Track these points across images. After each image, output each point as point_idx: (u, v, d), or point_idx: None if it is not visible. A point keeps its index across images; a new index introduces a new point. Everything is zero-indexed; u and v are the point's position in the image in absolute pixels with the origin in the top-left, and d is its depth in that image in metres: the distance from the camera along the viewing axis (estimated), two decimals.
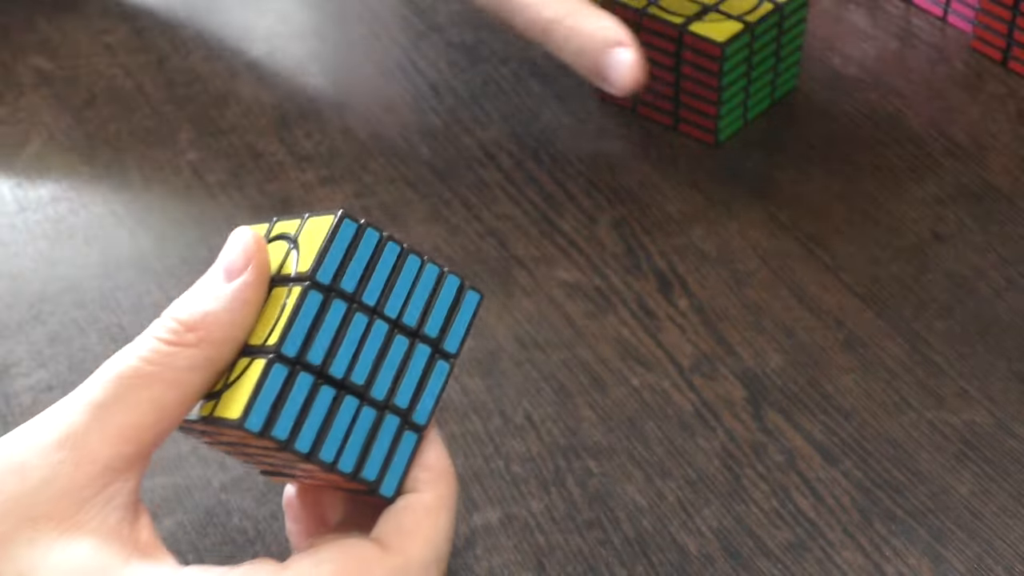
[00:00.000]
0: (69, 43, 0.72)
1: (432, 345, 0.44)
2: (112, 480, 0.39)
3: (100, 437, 0.39)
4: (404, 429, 0.43)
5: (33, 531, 0.38)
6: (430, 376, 0.44)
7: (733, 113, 0.67)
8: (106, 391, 0.39)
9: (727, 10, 0.65)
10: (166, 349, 0.40)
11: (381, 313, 0.43)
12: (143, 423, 0.39)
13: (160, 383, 0.40)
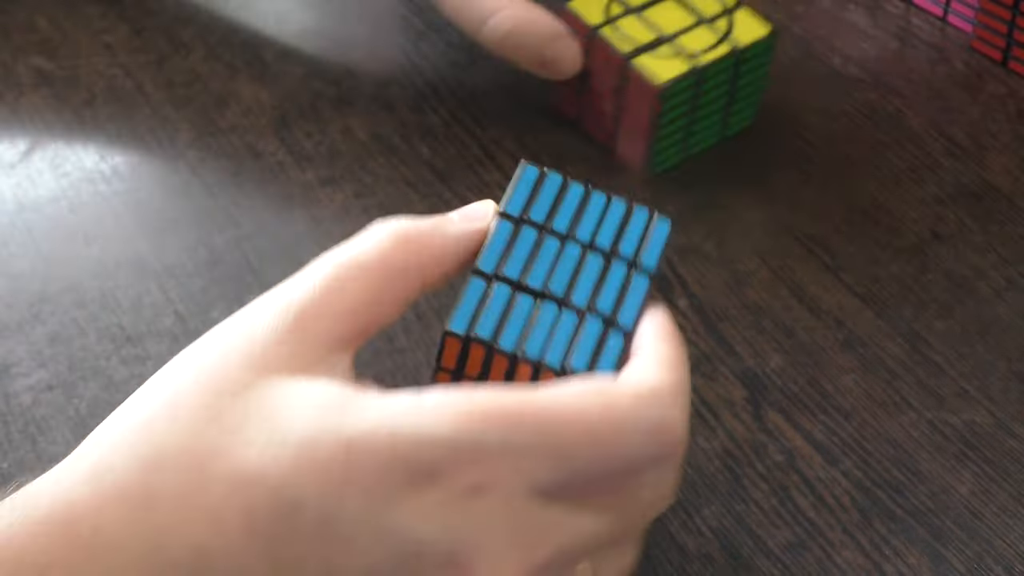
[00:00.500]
0: (69, 43, 0.72)
1: (628, 262, 0.46)
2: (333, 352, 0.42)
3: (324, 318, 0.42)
4: (609, 330, 0.44)
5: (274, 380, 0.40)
6: (629, 289, 0.45)
7: (671, 149, 0.65)
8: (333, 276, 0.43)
9: (683, 44, 0.63)
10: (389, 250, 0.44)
11: (573, 237, 0.46)
12: (365, 307, 0.43)
13: (381, 278, 0.43)
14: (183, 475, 0.39)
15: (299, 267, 0.61)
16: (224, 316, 0.59)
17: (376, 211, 0.64)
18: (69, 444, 0.54)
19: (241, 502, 0.38)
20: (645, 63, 0.62)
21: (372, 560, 0.38)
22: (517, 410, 0.39)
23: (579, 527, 0.40)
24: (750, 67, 0.65)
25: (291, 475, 0.38)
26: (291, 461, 0.38)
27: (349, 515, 0.38)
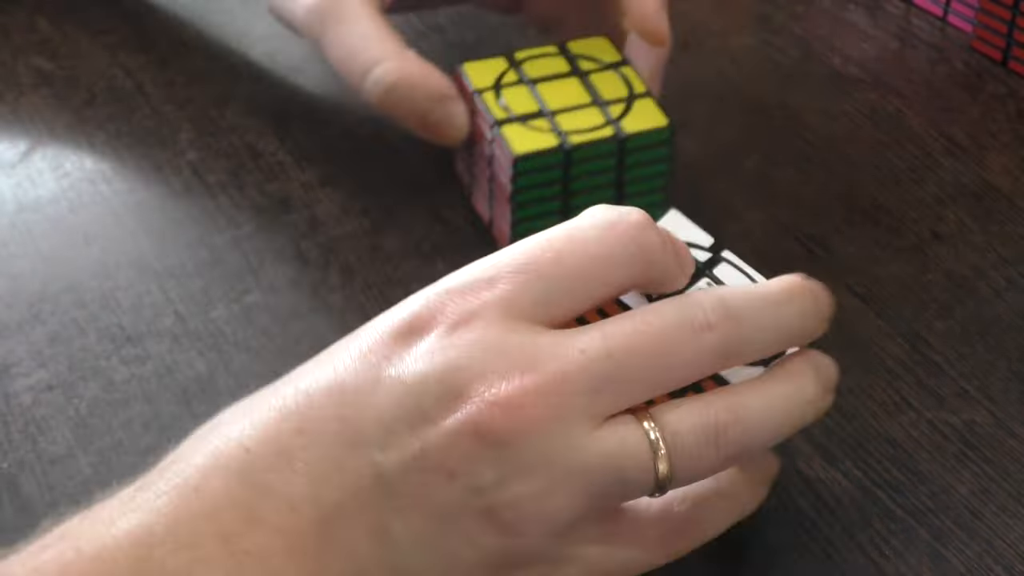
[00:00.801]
0: (69, 43, 0.72)
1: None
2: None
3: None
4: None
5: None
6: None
7: (541, 226, 0.61)
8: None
9: (561, 121, 0.59)
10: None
11: None
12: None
13: None
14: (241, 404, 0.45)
15: (299, 267, 0.61)
16: (224, 316, 0.59)
17: (376, 211, 0.64)
18: (69, 444, 0.54)
19: (274, 400, 0.43)
20: (510, 133, 0.58)
21: (379, 412, 0.41)
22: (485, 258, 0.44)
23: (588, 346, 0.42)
24: (642, 158, 0.60)
25: (309, 367, 0.44)
26: (311, 361, 0.44)
27: (351, 378, 0.42)
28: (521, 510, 0.41)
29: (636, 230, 0.44)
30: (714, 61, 0.72)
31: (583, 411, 0.41)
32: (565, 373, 0.41)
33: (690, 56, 0.73)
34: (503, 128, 0.58)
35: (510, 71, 0.61)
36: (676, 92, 0.70)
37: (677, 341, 0.43)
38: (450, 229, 0.63)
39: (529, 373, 0.41)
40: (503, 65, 0.61)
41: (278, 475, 0.41)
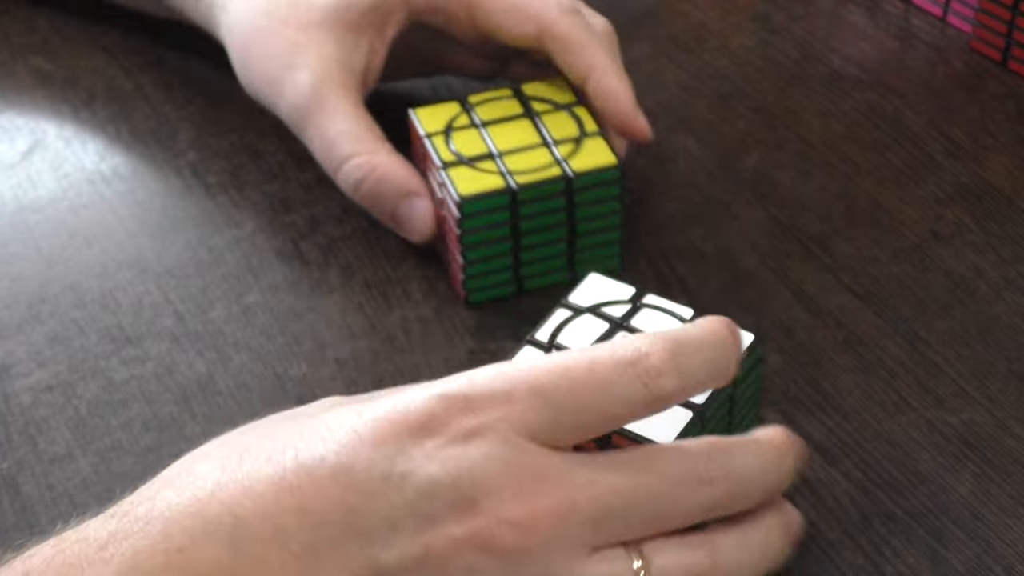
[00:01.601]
0: (69, 43, 0.72)
1: None
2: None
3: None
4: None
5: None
6: None
7: (493, 276, 0.60)
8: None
9: (509, 162, 0.58)
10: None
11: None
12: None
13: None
14: (225, 458, 0.43)
15: (299, 267, 0.61)
16: (224, 316, 0.59)
17: None
18: (69, 444, 0.54)
19: (274, 472, 0.42)
20: (457, 175, 0.57)
21: (387, 507, 0.42)
22: (502, 368, 0.44)
23: (597, 479, 0.43)
24: (591, 197, 0.58)
25: (311, 442, 0.43)
26: (311, 434, 0.43)
27: (361, 466, 0.42)
28: None
29: (654, 374, 0.44)
30: (714, 61, 0.72)
31: (584, 539, 0.43)
32: (574, 501, 0.43)
33: (690, 56, 0.73)
34: (450, 170, 0.58)
35: (461, 115, 0.60)
36: (676, 92, 0.70)
37: (680, 492, 0.44)
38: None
39: (541, 495, 0.42)
40: (455, 109, 0.60)
41: (273, 551, 0.41)
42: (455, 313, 0.59)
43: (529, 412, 0.43)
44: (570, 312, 0.52)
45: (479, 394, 0.43)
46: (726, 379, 0.47)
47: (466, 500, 0.42)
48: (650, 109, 0.69)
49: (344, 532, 0.42)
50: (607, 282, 0.53)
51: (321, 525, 0.41)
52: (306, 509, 0.41)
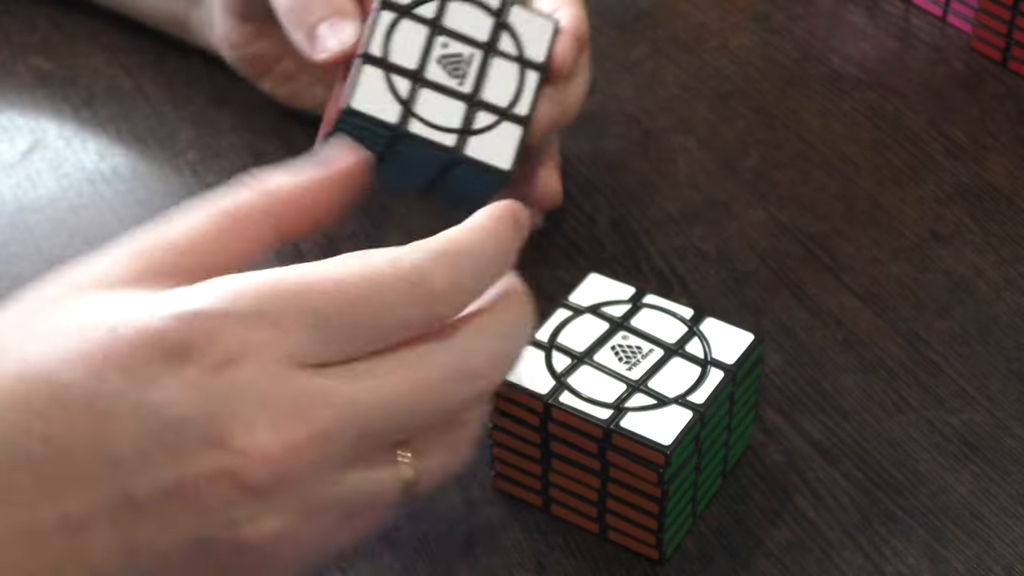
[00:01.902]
0: (69, 42, 0.72)
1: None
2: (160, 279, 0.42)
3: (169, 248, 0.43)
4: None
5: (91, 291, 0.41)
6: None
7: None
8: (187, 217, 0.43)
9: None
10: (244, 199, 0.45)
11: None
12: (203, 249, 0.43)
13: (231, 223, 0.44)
14: None
15: None
16: None
17: (375, 211, 0.64)
18: None
19: (19, 390, 0.39)
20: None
21: (137, 437, 0.39)
22: (272, 282, 0.41)
23: (359, 397, 0.41)
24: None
25: (63, 360, 0.40)
26: (64, 348, 0.40)
27: (111, 391, 0.39)
28: (274, 544, 0.41)
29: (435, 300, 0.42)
30: (714, 61, 0.72)
31: (345, 456, 0.41)
32: (331, 430, 0.41)
33: (690, 56, 0.73)
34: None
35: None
36: (676, 92, 0.70)
37: (452, 393, 0.43)
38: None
39: (299, 424, 0.40)
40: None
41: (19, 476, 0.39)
42: None
43: (296, 336, 0.41)
44: (570, 312, 0.52)
45: (244, 314, 0.40)
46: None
47: (218, 434, 0.40)
48: (650, 109, 0.69)
49: (92, 460, 0.40)
50: (607, 282, 0.53)
51: (69, 454, 0.39)
52: (53, 436, 0.39)
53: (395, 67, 0.54)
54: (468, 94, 0.54)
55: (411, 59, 0.54)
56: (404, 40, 0.54)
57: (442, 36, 0.54)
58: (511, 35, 0.55)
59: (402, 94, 0.54)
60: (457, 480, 0.53)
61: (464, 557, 0.51)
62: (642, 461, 0.48)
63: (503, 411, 0.51)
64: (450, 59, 0.54)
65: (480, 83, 0.55)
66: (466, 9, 0.55)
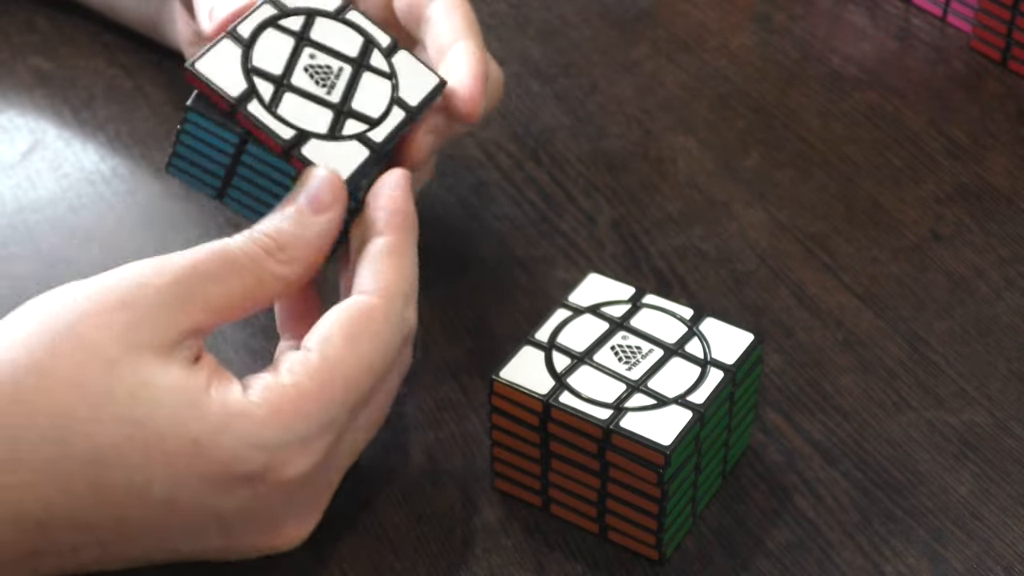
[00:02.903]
0: (69, 43, 0.72)
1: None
2: (193, 335, 0.46)
3: (197, 297, 0.46)
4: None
5: (139, 356, 0.45)
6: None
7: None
8: (212, 263, 0.47)
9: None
10: (263, 255, 0.48)
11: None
12: (226, 304, 0.47)
13: (253, 277, 0.48)
14: (48, 446, 0.44)
15: None
16: None
17: None
18: None
19: (94, 475, 0.44)
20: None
21: (204, 529, 0.46)
22: (321, 391, 0.46)
23: (355, 447, 0.49)
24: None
25: (142, 460, 0.44)
26: (143, 448, 0.44)
27: (189, 496, 0.45)
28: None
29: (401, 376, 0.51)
30: (714, 61, 0.72)
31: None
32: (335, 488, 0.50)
33: (690, 56, 0.73)
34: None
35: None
36: (676, 92, 0.70)
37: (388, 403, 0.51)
38: (449, 229, 0.63)
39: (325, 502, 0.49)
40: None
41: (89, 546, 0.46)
42: (454, 313, 0.59)
43: (341, 429, 0.48)
44: (570, 312, 0.52)
45: (311, 434, 0.46)
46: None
47: (274, 529, 0.48)
48: (650, 109, 0.69)
49: (153, 537, 0.46)
50: (607, 282, 0.53)
51: (133, 533, 0.46)
52: (124, 519, 0.45)
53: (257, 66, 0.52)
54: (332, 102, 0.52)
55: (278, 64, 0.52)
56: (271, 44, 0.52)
57: (311, 48, 0.53)
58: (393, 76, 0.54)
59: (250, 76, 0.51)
60: (457, 480, 0.53)
61: (464, 557, 0.51)
62: (642, 461, 0.48)
63: (503, 411, 0.51)
64: (318, 69, 0.53)
65: (348, 95, 0.52)
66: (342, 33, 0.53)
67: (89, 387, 0.44)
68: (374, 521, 0.52)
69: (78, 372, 0.44)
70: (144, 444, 0.44)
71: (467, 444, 0.55)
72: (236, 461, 0.45)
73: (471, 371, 0.57)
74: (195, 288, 0.46)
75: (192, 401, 0.45)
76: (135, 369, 0.45)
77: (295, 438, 0.46)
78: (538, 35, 0.73)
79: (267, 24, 0.52)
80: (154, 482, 0.44)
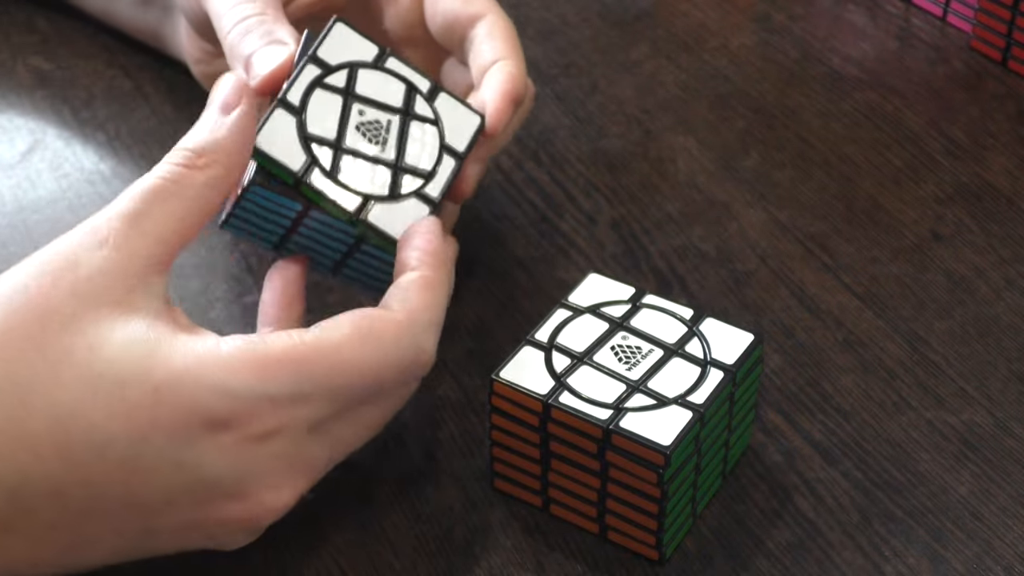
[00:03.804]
0: (69, 43, 0.72)
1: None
2: (150, 274, 0.46)
3: (137, 238, 0.46)
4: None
5: (96, 312, 0.45)
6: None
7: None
8: (136, 203, 0.47)
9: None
10: (183, 171, 0.48)
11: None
12: (171, 229, 0.47)
13: (181, 198, 0.47)
14: (10, 403, 0.44)
15: None
16: (224, 316, 0.59)
17: None
18: None
19: (59, 436, 0.44)
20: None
21: (169, 489, 0.45)
22: (303, 359, 0.46)
23: (344, 441, 0.49)
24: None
25: (103, 415, 0.44)
26: (104, 401, 0.44)
27: (152, 452, 0.44)
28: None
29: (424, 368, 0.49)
30: (714, 61, 0.72)
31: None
32: (325, 468, 0.49)
33: (690, 56, 0.73)
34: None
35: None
36: (676, 92, 0.70)
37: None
38: None
39: (307, 481, 0.48)
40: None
41: (50, 511, 0.44)
42: (455, 313, 0.59)
43: (318, 408, 0.46)
44: (570, 312, 0.52)
45: (282, 395, 0.45)
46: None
47: (245, 492, 0.46)
48: (650, 109, 0.69)
49: (120, 502, 0.45)
50: (607, 282, 0.53)
51: (101, 496, 0.44)
52: (90, 482, 0.44)
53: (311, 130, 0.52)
54: (387, 160, 0.53)
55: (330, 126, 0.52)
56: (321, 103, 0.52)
57: (359, 103, 0.53)
58: (437, 121, 0.54)
59: (313, 150, 0.51)
60: (457, 480, 0.53)
61: (464, 557, 0.51)
62: (642, 461, 0.48)
63: (503, 411, 0.51)
64: (369, 126, 0.53)
65: (400, 150, 0.53)
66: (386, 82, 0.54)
67: (48, 345, 0.44)
68: (373, 521, 0.52)
69: (36, 331, 0.44)
70: (106, 397, 0.44)
71: (467, 444, 0.55)
72: (199, 405, 0.44)
73: (471, 371, 0.57)
74: (131, 233, 0.46)
75: (153, 350, 0.45)
76: (92, 326, 0.44)
77: (262, 393, 0.45)
78: (538, 35, 0.73)
79: (314, 85, 0.52)
80: (116, 438, 0.44)
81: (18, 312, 0.45)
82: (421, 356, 0.48)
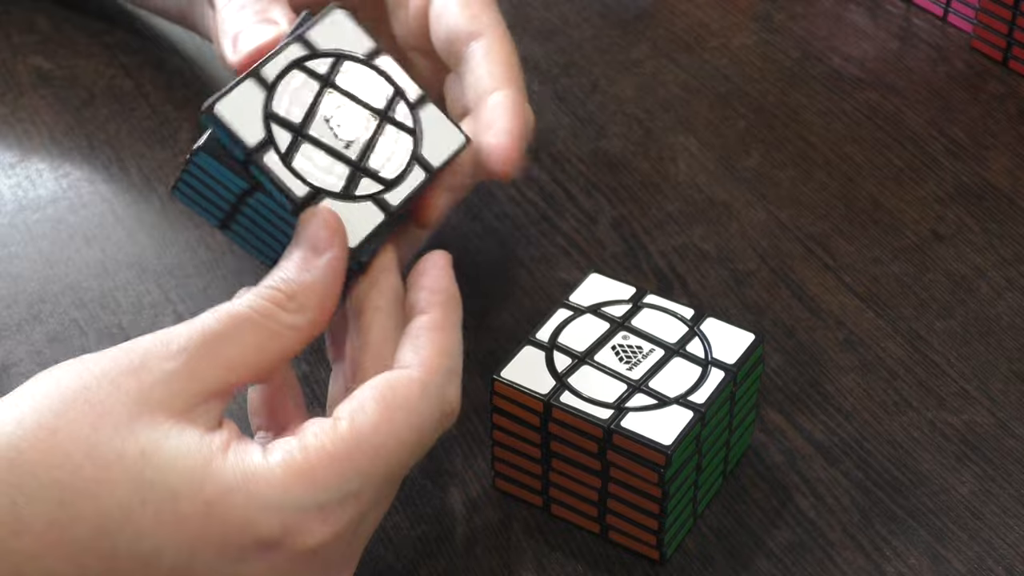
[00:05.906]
0: (69, 42, 0.72)
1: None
2: (211, 398, 0.44)
3: (209, 359, 0.44)
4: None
5: (151, 418, 0.43)
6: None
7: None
8: (217, 325, 0.45)
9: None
10: (272, 308, 0.46)
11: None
12: (244, 360, 0.45)
13: (265, 331, 0.46)
14: (53, 508, 0.42)
15: None
16: None
17: None
18: None
19: (104, 544, 0.42)
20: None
21: None
22: (346, 457, 0.44)
23: (383, 508, 0.47)
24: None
25: (151, 523, 0.42)
26: (153, 509, 0.42)
27: (201, 566, 0.43)
28: None
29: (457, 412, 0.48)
30: (714, 61, 0.72)
31: None
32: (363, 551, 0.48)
33: (690, 56, 0.73)
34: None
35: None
36: (676, 92, 0.70)
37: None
38: (450, 228, 0.63)
39: (348, 570, 0.47)
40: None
41: None
42: None
43: (367, 501, 0.45)
44: (570, 312, 0.52)
45: (332, 501, 0.44)
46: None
47: None
48: (651, 109, 0.69)
49: None
50: (607, 282, 0.53)
51: None
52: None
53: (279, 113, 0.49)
54: (350, 158, 0.50)
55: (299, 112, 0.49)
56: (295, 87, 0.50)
57: (336, 94, 0.50)
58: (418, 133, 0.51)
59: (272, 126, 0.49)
60: (457, 480, 0.53)
61: (464, 557, 0.51)
62: (643, 461, 0.48)
63: (504, 411, 0.50)
64: (339, 119, 0.50)
65: (367, 150, 0.50)
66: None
67: (98, 448, 0.42)
68: None
69: (87, 433, 0.42)
70: (155, 506, 0.42)
71: (467, 444, 0.55)
72: (250, 525, 0.43)
73: (471, 371, 0.57)
74: (205, 352, 0.44)
75: (206, 463, 0.43)
76: (147, 431, 0.43)
77: (313, 504, 0.43)
78: (538, 35, 0.73)
79: (293, 66, 0.50)
80: (165, 549, 0.42)
81: (71, 414, 0.43)
82: (446, 407, 0.47)
